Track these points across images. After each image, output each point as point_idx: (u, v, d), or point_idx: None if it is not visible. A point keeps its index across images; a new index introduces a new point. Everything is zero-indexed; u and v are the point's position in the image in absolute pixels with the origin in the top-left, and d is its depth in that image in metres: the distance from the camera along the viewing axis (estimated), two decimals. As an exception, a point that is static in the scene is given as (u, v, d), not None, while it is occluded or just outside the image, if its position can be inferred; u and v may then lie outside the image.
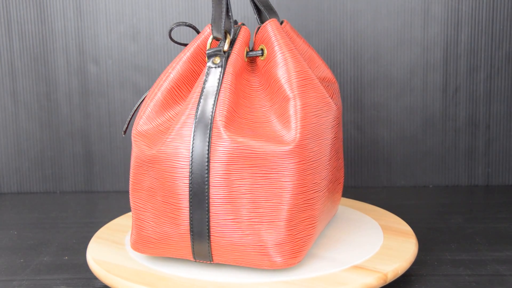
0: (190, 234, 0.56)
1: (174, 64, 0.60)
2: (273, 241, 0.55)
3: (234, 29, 0.59)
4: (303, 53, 0.66)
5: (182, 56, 0.61)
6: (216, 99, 0.56)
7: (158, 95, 0.60)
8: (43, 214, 0.85)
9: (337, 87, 0.68)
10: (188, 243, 0.56)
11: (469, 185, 0.94)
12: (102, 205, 0.89)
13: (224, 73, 0.57)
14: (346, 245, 0.63)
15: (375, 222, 0.70)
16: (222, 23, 0.58)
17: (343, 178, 0.70)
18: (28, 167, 0.95)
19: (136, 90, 0.93)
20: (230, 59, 0.58)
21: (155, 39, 0.92)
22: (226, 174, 0.55)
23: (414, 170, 0.94)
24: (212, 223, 0.55)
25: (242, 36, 0.59)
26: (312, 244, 0.61)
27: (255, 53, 0.60)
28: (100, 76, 0.93)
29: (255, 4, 0.64)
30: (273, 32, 0.59)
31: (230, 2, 0.60)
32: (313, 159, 0.57)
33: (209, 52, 0.58)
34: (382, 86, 0.92)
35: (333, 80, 0.67)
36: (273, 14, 0.65)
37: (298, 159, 0.55)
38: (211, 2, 0.59)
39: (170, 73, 0.60)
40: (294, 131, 0.55)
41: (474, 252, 0.68)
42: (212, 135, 0.55)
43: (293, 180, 0.55)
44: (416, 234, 0.73)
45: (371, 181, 0.94)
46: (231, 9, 0.59)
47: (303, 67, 0.58)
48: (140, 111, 0.60)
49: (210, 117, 0.55)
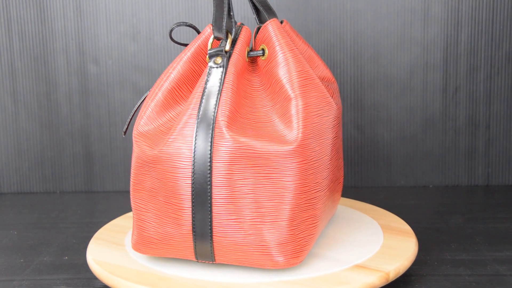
0: (193, 234, 0.56)
1: (175, 64, 0.60)
2: (275, 241, 0.55)
3: (236, 29, 0.59)
4: (303, 53, 0.66)
5: (183, 56, 0.60)
6: (218, 99, 0.56)
7: (159, 95, 0.60)
8: (43, 214, 0.85)
9: (337, 87, 0.68)
10: (190, 243, 0.56)
11: (469, 185, 0.94)
12: (102, 205, 0.89)
13: (226, 73, 0.57)
14: (347, 245, 0.63)
15: (375, 222, 0.70)
16: (224, 23, 0.58)
17: (343, 178, 0.70)
18: (28, 167, 0.95)
19: (136, 90, 0.93)
20: (232, 59, 0.58)
21: (155, 39, 0.92)
22: (229, 174, 0.55)
23: (414, 170, 0.94)
24: (215, 223, 0.55)
25: (243, 36, 0.59)
26: (313, 244, 0.61)
27: (256, 53, 0.60)
28: (100, 76, 0.92)
29: (254, 4, 0.64)
30: (274, 32, 0.59)
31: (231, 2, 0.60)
32: (315, 159, 0.57)
33: (211, 52, 0.58)
34: (382, 86, 0.92)
35: (333, 80, 0.67)
36: (272, 14, 0.64)
37: (300, 159, 0.55)
38: (213, 2, 0.58)
39: (171, 73, 0.60)
40: (296, 131, 0.55)
41: (474, 252, 0.68)
42: (215, 135, 0.55)
43: (295, 180, 0.55)
44: (416, 234, 0.73)
45: (371, 181, 0.94)
46: (233, 9, 0.59)
47: (304, 67, 0.58)
48: (141, 112, 0.60)
49: (212, 117, 0.55)
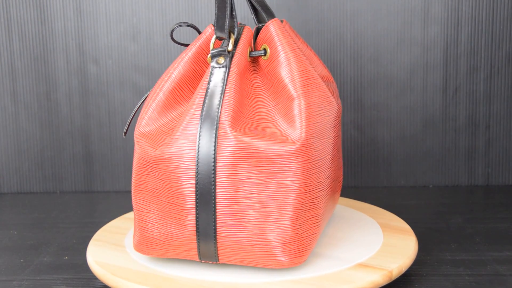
0: (196, 235, 0.56)
1: (176, 65, 0.60)
2: (279, 241, 0.55)
3: (238, 29, 0.59)
4: (303, 53, 0.66)
5: (184, 57, 0.60)
6: (222, 99, 0.56)
7: (160, 96, 0.59)
8: (43, 214, 0.85)
9: (335, 86, 0.68)
10: (194, 244, 0.56)
11: (469, 185, 0.94)
12: (102, 205, 0.88)
13: (229, 73, 0.57)
14: (348, 244, 0.64)
15: (374, 221, 0.70)
16: (227, 23, 0.58)
17: (342, 177, 0.70)
18: (28, 167, 0.95)
19: (136, 90, 0.93)
20: (234, 59, 0.58)
21: (155, 39, 0.91)
22: (233, 174, 0.54)
23: (414, 170, 0.94)
24: (219, 223, 0.55)
25: (245, 36, 0.59)
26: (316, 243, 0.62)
27: (258, 53, 0.60)
28: (100, 76, 0.92)
29: (252, 4, 0.64)
30: (276, 32, 0.59)
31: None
32: (318, 158, 0.57)
33: (213, 52, 0.58)
34: (382, 86, 0.92)
35: (331, 79, 0.68)
36: (270, 14, 0.64)
37: (304, 158, 0.55)
38: (214, 2, 0.58)
39: (172, 74, 0.60)
40: (299, 130, 0.55)
41: (474, 252, 0.68)
42: (219, 135, 0.55)
43: (299, 179, 0.55)
44: (416, 234, 0.73)
45: (371, 181, 0.94)
46: (235, 9, 0.59)
47: (306, 67, 0.58)
48: (142, 112, 0.60)
49: (216, 117, 0.55)
